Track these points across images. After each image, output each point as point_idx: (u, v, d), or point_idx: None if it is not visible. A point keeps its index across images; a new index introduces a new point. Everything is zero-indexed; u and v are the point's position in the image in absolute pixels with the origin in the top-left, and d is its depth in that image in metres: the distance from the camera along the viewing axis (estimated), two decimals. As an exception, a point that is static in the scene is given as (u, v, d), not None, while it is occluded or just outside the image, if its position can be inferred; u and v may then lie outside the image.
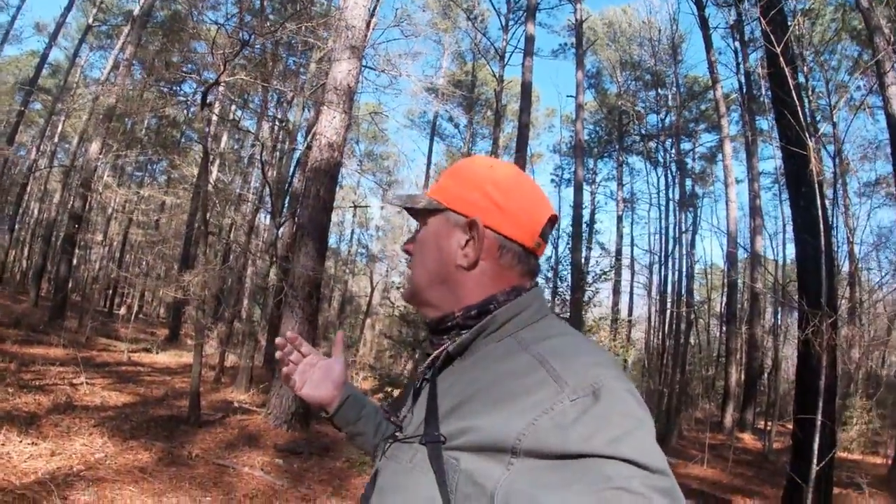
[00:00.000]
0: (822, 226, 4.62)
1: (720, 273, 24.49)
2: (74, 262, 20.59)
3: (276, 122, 16.48)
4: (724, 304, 20.94)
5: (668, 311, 18.45)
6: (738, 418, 16.22)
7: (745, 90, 16.92)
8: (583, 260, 18.51)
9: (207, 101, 10.29)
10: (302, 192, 10.66)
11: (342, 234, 37.79)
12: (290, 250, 9.28)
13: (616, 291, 25.24)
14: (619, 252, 26.05)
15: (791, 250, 24.77)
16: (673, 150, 20.91)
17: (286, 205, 14.78)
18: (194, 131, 22.80)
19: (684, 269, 19.83)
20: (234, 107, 20.90)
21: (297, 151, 16.43)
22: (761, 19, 5.53)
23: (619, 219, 27.03)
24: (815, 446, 4.43)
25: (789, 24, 5.59)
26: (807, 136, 4.47)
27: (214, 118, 18.02)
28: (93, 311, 16.39)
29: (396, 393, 12.42)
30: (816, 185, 4.92)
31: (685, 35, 20.52)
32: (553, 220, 0.98)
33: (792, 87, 4.59)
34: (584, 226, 19.52)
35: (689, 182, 22.53)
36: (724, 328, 19.84)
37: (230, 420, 8.17)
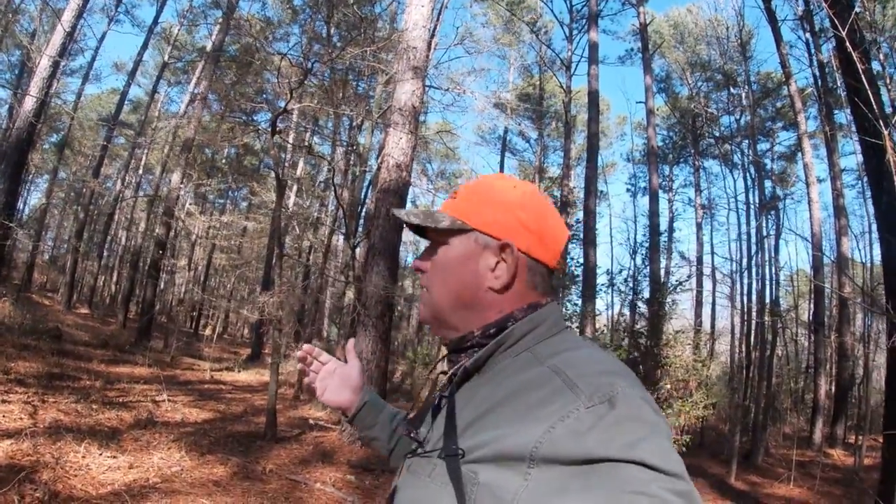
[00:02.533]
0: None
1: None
2: (161, 286, 21.51)
3: (348, 146, 16.84)
4: (811, 312, 19.88)
5: (753, 322, 17.62)
6: (829, 433, 15.26)
7: (819, 83, 16.07)
8: (662, 270, 17.94)
9: (277, 128, 10.65)
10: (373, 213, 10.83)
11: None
12: (364, 270, 9.40)
13: (699, 303, 24.44)
14: (699, 261, 25.22)
15: (879, 251, 23.15)
16: (750, 152, 20.09)
17: (360, 226, 15.04)
18: (270, 158, 23.60)
19: (768, 276, 18.93)
20: (308, 133, 21.50)
21: (368, 174, 16.75)
22: (825, 5, 5.24)
23: (699, 226, 26.15)
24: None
25: (857, 9, 5.25)
26: (881, 124, 4.15)
27: (289, 145, 18.60)
28: (178, 331, 17.04)
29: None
30: (896, 178, 4.58)
31: (753, 30, 19.61)
32: (567, 240, 1.02)
33: (861, 71, 4.30)
34: (661, 235, 18.98)
35: (769, 184, 21.62)
36: (811, 337, 18.81)
37: (306, 437, 8.27)
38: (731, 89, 21.69)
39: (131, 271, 20.61)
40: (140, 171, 28.11)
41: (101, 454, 5.34)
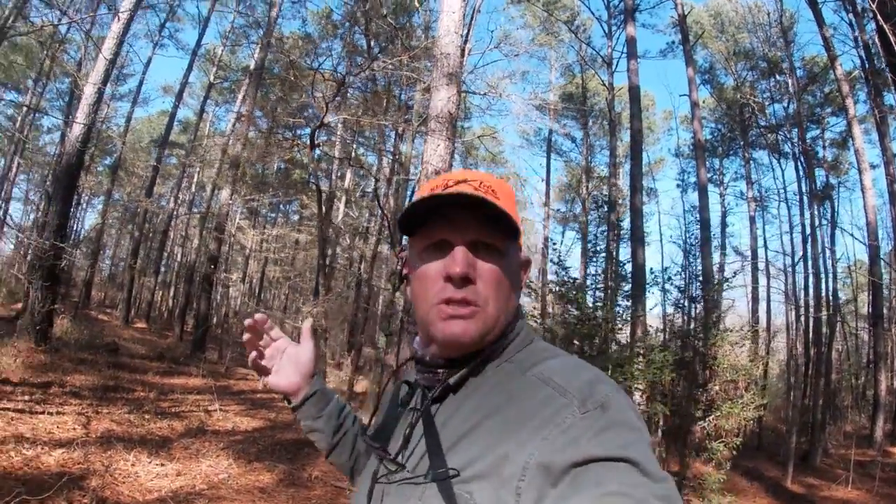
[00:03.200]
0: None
1: (865, 270, 22.39)
2: (217, 298, 22.00)
3: (391, 156, 17.01)
4: (869, 305, 19.06)
5: (810, 317, 16.95)
6: (890, 430, 14.50)
7: (866, 65, 15.40)
8: (715, 266, 17.45)
9: (318, 141, 10.85)
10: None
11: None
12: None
13: (754, 298, 23.68)
14: (754, 255, 24.42)
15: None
16: (798, 140, 19.35)
17: (406, 234, 15.14)
18: (312, 171, 24.01)
19: (823, 269, 18.20)
20: (353, 144, 21.81)
21: (411, 181, 16.89)
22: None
23: (752, 220, 25.29)
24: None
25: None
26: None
27: (335, 158, 18.92)
28: (232, 343, 17.41)
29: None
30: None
31: (794, 14, 18.90)
32: None
33: (894, 42, 4.13)
34: (713, 230, 18.49)
35: (821, 173, 20.78)
36: (871, 331, 18.03)
37: (353, 443, 8.33)
38: (777, 76, 20.97)
39: (186, 286, 21.22)
40: (192, 189, 28.92)
41: (150, 462, 5.52)
